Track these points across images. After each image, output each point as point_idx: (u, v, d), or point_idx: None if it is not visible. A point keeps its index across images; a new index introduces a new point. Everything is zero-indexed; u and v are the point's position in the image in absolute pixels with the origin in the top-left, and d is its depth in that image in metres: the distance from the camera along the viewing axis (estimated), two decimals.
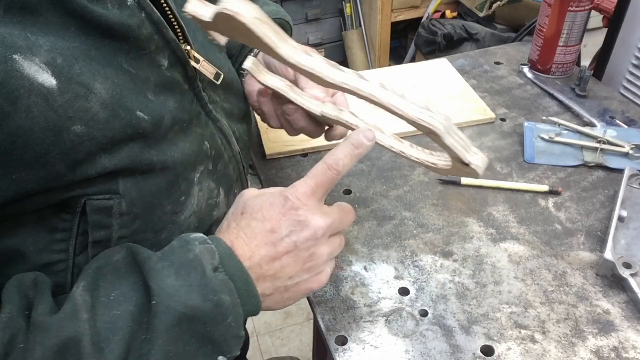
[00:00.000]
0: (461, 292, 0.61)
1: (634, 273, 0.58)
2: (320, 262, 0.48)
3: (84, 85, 0.39)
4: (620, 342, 0.55)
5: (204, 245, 0.44)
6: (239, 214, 0.47)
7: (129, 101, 0.43)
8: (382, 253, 0.66)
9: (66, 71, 0.38)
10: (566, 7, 0.88)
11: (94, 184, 0.43)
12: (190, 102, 0.52)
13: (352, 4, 2.44)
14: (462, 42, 2.06)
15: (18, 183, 0.38)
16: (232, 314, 0.43)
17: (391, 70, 1.02)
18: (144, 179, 0.46)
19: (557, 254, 0.64)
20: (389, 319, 0.58)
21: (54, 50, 0.38)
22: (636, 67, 0.89)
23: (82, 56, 0.40)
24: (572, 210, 0.70)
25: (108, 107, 0.41)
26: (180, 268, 0.42)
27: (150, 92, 0.46)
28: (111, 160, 0.42)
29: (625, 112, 0.87)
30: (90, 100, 0.40)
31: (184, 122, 0.50)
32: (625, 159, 0.76)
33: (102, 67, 0.41)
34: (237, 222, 0.47)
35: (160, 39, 0.47)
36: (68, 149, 0.39)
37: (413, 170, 0.78)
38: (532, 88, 0.95)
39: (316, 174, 0.47)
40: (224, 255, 0.44)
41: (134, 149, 0.44)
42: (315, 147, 0.82)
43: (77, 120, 0.39)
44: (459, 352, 0.54)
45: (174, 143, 0.49)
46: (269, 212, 0.46)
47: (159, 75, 0.47)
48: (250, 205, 0.47)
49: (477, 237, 0.67)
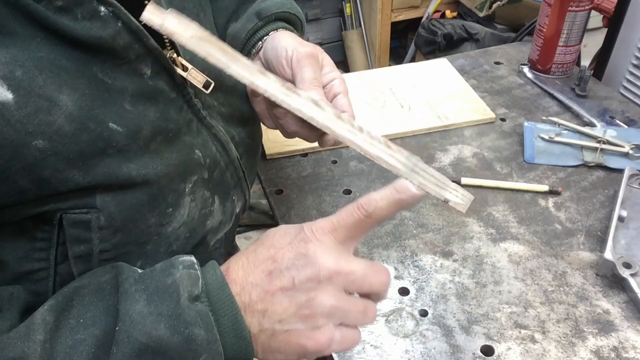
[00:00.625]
0: (461, 292, 0.61)
1: (634, 273, 0.58)
2: (318, 313, 0.39)
3: (46, 98, 0.38)
4: (620, 342, 0.55)
5: (188, 270, 0.40)
6: (254, 243, 0.44)
7: (101, 113, 0.41)
8: (382, 253, 0.66)
9: (26, 84, 0.37)
10: (566, 7, 0.88)
11: (68, 199, 0.41)
12: (179, 110, 0.49)
13: (352, 4, 2.44)
14: (462, 42, 2.06)
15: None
16: (207, 351, 0.38)
17: (391, 70, 1.02)
18: (123, 193, 0.44)
19: (557, 254, 0.64)
20: (389, 319, 0.58)
21: (13, 62, 0.36)
22: (636, 67, 0.89)
23: (48, 67, 0.38)
24: (572, 210, 0.70)
25: (75, 120, 0.39)
26: (154, 293, 0.39)
27: (127, 103, 0.43)
28: (85, 177, 0.41)
29: (625, 112, 0.87)
30: (53, 113, 0.38)
31: (169, 131, 0.47)
32: (625, 159, 0.76)
33: (72, 77, 0.40)
34: (247, 248, 0.43)
35: (141, 47, 0.44)
36: (30, 164, 0.38)
37: None
38: (532, 88, 0.95)
39: (342, 212, 0.41)
40: (213, 284, 0.40)
41: (109, 164, 0.42)
42: (316, 147, 0.82)
43: (38, 135, 0.37)
44: (459, 352, 0.54)
45: (157, 155, 0.46)
46: (279, 240, 0.42)
47: (139, 85, 0.45)
48: (268, 233, 0.43)
49: (477, 237, 0.67)
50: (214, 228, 0.54)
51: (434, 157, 0.80)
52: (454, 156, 0.80)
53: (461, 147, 0.82)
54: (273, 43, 0.59)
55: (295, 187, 0.76)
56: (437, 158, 0.80)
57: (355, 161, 0.80)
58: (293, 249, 0.40)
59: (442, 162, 0.79)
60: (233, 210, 0.58)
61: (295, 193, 0.75)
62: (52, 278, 0.45)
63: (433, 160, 0.80)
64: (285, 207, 0.73)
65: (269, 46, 0.59)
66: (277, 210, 0.73)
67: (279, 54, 0.56)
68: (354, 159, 0.81)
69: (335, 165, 0.80)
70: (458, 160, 0.80)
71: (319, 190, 0.75)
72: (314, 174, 0.78)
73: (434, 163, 0.79)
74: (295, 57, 0.55)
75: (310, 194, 0.75)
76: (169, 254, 0.49)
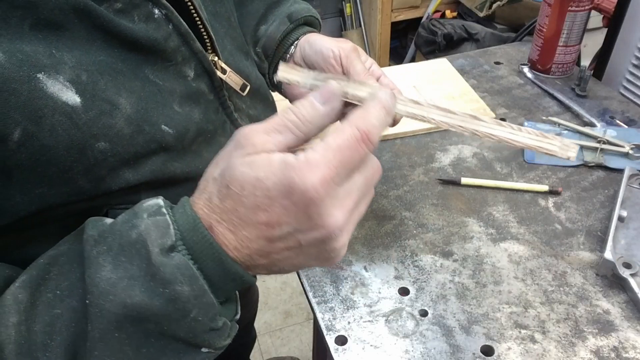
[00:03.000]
0: (461, 292, 0.61)
1: (634, 273, 0.58)
2: (335, 252, 0.36)
3: (108, 101, 0.39)
4: (620, 342, 0.55)
5: (154, 218, 0.34)
6: (223, 186, 0.34)
7: (154, 115, 0.42)
8: (382, 253, 0.66)
9: (90, 88, 0.38)
10: (566, 7, 0.88)
11: (117, 196, 0.42)
12: (215, 111, 0.51)
13: (352, 4, 2.44)
14: (462, 42, 2.06)
15: (41, 197, 0.38)
16: (196, 306, 0.34)
17: (391, 70, 1.02)
18: (166, 190, 0.45)
19: (557, 254, 0.64)
20: (389, 319, 0.58)
21: (78, 66, 0.37)
22: (636, 67, 0.89)
23: (107, 70, 0.39)
24: (572, 210, 0.70)
25: (133, 123, 0.41)
26: (119, 254, 0.34)
27: (176, 104, 0.45)
28: (134, 175, 0.42)
29: (625, 112, 0.87)
30: (114, 116, 0.39)
31: (208, 132, 0.49)
32: (625, 159, 0.76)
33: (128, 80, 0.41)
34: (220, 199, 0.34)
35: (187, 50, 0.46)
36: (91, 165, 0.39)
37: (413, 170, 0.78)
38: (532, 88, 0.95)
39: (342, 147, 0.33)
40: (187, 226, 0.34)
41: (156, 162, 0.43)
42: None
43: (101, 137, 0.38)
44: (459, 352, 0.54)
45: (198, 154, 0.48)
46: (263, 200, 0.33)
47: (185, 86, 0.46)
48: (238, 179, 0.33)
49: (477, 237, 0.67)
50: None
51: (434, 157, 0.80)
52: (454, 156, 0.80)
53: (461, 147, 0.82)
54: (314, 47, 0.62)
55: None
56: (437, 158, 0.80)
57: None
58: (290, 214, 0.33)
59: (442, 162, 0.79)
60: None
61: None
62: None
63: (433, 160, 0.80)
64: None
65: (310, 51, 0.63)
66: None
67: (326, 56, 0.60)
68: None
69: None
70: (458, 160, 0.80)
71: None
72: None
73: (434, 163, 0.79)
74: (343, 54, 0.59)
75: None
76: None
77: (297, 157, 0.33)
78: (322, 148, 0.33)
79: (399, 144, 0.83)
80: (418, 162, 0.79)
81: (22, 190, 0.37)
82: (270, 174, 0.33)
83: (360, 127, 0.34)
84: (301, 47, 0.65)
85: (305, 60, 0.65)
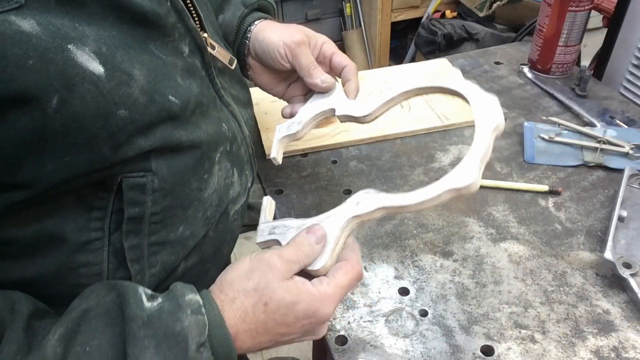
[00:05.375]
0: (461, 292, 0.61)
1: (634, 273, 0.58)
2: (322, 331, 0.48)
3: (125, 72, 0.41)
4: (620, 342, 0.55)
5: (195, 316, 0.41)
6: (261, 302, 0.44)
7: (162, 86, 0.45)
8: (382, 253, 0.66)
9: (110, 59, 0.40)
10: (566, 7, 0.88)
11: (131, 163, 0.45)
12: (207, 87, 0.54)
13: (352, 4, 2.44)
14: (462, 42, 2.06)
15: (68, 165, 0.40)
16: None
17: (391, 70, 1.02)
18: (173, 157, 0.48)
19: (557, 254, 0.64)
20: (389, 319, 0.58)
21: (98, 39, 0.40)
22: (636, 67, 0.89)
23: (120, 44, 0.42)
24: (572, 210, 0.70)
25: (146, 93, 0.43)
26: (162, 341, 0.39)
27: (179, 77, 0.48)
28: (147, 142, 0.44)
29: (625, 112, 0.87)
30: (131, 86, 0.42)
31: (204, 105, 0.52)
32: (625, 159, 0.76)
33: (138, 53, 0.43)
34: (255, 313, 0.44)
35: (183, 27, 0.49)
36: (113, 132, 0.41)
37: (413, 170, 0.78)
38: (532, 88, 0.95)
39: (347, 286, 0.47)
40: (213, 325, 0.42)
41: (165, 130, 0.46)
42: (315, 147, 0.82)
43: (121, 105, 0.41)
44: (459, 352, 0.54)
45: (197, 125, 0.50)
46: (291, 319, 0.45)
47: (183, 61, 0.49)
48: (277, 301, 0.44)
49: (477, 237, 0.67)
50: (234, 198, 0.59)
51: (434, 157, 0.80)
52: (454, 156, 0.80)
53: (461, 147, 0.82)
54: (262, 46, 0.66)
55: (295, 187, 0.76)
56: (437, 158, 0.80)
57: (355, 161, 0.80)
58: (304, 327, 0.46)
59: (442, 162, 0.79)
60: (247, 183, 0.63)
61: (295, 193, 0.75)
62: (106, 248, 0.47)
63: (433, 160, 0.80)
64: (285, 207, 0.73)
65: (259, 50, 0.67)
66: (277, 210, 0.73)
67: (274, 56, 0.65)
68: (354, 159, 0.81)
69: (335, 165, 0.80)
70: (458, 160, 0.79)
71: (319, 190, 0.75)
72: (314, 174, 0.78)
73: (434, 163, 0.79)
74: (289, 52, 0.64)
75: (310, 194, 0.75)
76: (204, 219, 0.54)
77: (319, 289, 0.46)
78: (335, 285, 0.46)
79: (399, 144, 0.83)
80: (418, 162, 0.79)
81: (53, 158, 0.39)
82: (302, 301, 0.45)
83: (357, 268, 0.48)
84: (253, 43, 0.68)
85: (258, 59, 0.68)
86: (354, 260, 0.49)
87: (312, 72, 0.63)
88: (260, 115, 0.87)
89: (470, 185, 0.46)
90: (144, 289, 0.43)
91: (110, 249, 0.48)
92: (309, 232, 0.49)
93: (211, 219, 0.55)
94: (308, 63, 0.64)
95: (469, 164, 0.47)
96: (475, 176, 0.46)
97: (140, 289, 0.43)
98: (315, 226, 0.49)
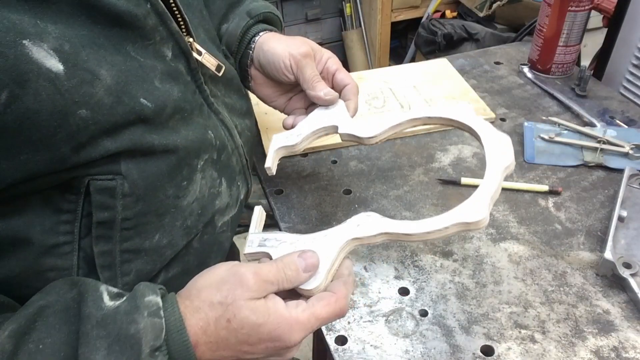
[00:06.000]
0: (461, 292, 0.61)
1: (634, 273, 0.58)
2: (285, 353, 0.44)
3: (89, 71, 0.41)
4: (620, 342, 0.55)
5: (152, 319, 0.39)
6: (224, 318, 0.41)
7: (134, 88, 0.44)
8: (382, 253, 0.66)
9: (73, 58, 0.40)
10: (566, 7, 0.88)
11: (97, 165, 0.44)
12: (193, 93, 0.53)
13: (352, 4, 2.44)
14: (462, 42, 2.06)
15: (25, 164, 0.39)
16: None
17: (391, 70, 1.02)
18: (145, 160, 0.47)
19: (557, 254, 0.64)
20: (389, 319, 0.58)
21: (62, 37, 0.39)
22: (636, 67, 0.89)
23: (89, 44, 0.41)
24: (572, 210, 0.70)
25: (112, 94, 0.42)
26: (115, 342, 0.38)
27: (157, 80, 0.47)
28: (113, 143, 0.44)
29: (625, 112, 0.87)
30: (95, 86, 0.41)
31: (185, 111, 0.51)
32: (625, 159, 0.76)
33: (110, 54, 0.43)
34: (217, 328, 0.41)
35: (165, 30, 0.48)
36: (73, 132, 0.40)
37: (413, 170, 0.78)
38: (532, 88, 0.95)
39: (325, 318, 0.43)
40: (173, 329, 0.40)
41: (135, 132, 0.45)
42: (315, 147, 0.82)
43: (82, 105, 0.40)
44: (459, 352, 0.54)
45: (175, 131, 0.49)
46: (254, 339, 0.42)
47: (164, 65, 0.48)
48: (241, 320, 0.41)
49: (477, 237, 0.67)
50: (221, 209, 0.57)
51: (434, 157, 0.80)
52: (454, 156, 0.80)
53: (461, 147, 0.82)
54: (267, 57, 0.65)
55: (295, 187, 0.76)
56: (437, 158, 0.80)
57: (355, 161, 0.80)
58: (268, 350, 0.43)
59: (442, 162, 0.79)
60: (238, 195, 0.61)
61: (295, 193, 0.75)
62: (76, 253, 0.46)
63: (433, 160, 0.80)
64: (285, 207, 0.73)
65: (264, 60, 0.66)
66: (277, 210, 0.73)
67: (278, 67, 0.64)
68: (354, 159, 0.81)
69: (335, 165, 0.80)
70: (458, 160, 0.80)
71: (319, 190, 0.75)
72: (314, 174, 0.78)
73: (434, 163, 0.79)
74: (294, 64, 0.63)
75: (310, 194, 0.75)
76: (184, 228, 0.52)
77: (290, 313, 0.42)
78: (310, 313, 0.43)
79: (399, 144, 0.83)
80: (418, 162, 0.79)
81: (8, 155, 0.38)
82: (268, 323, 0.41)
83: (341, 303, 0.44)
84: (257, 54, 0.67)
85: (262, 70, 0.68)
86: (340, 294, 0.44)
87: (315, 85, 0.63)
88: (260, 115, 0.87)
89: (479, 222, 0.45)
90: (107, 287, 0.41)
91: (81, 254, 0.47)
92: (301, 256, 0.45)
93: (193, 228, 0.53)
94: (312, 75, 0.63)
95: (480, 201, 0.47)
96: (485, 213, 0.46)
97: (103, 287, 0.41)
98: (309, 252, 0.46)
